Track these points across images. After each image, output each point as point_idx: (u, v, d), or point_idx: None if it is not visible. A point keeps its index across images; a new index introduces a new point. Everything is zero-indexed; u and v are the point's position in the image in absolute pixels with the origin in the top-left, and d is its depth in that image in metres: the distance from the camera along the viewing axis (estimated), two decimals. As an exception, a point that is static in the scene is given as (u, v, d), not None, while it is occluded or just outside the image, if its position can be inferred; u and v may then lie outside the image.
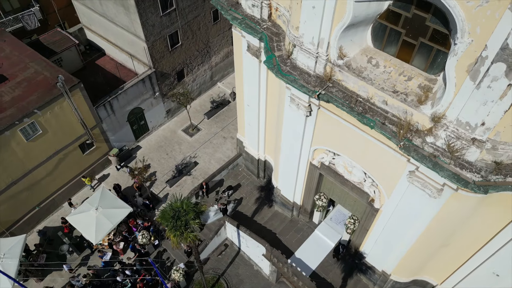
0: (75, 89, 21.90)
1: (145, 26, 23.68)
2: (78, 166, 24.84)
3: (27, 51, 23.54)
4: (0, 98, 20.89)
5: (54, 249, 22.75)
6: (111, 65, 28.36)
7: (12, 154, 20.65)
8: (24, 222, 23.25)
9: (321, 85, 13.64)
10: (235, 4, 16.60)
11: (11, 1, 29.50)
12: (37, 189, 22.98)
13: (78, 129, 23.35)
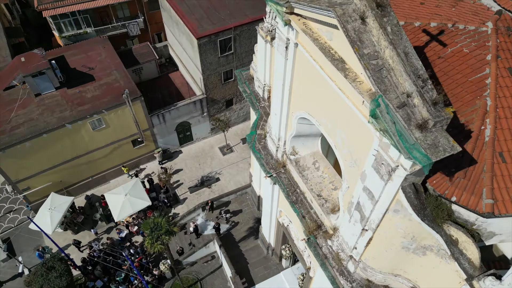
0: (136, 100, 28.10)
1: (203, 63, 28.87)
2: (128, 155, 31.39)
3: (116, 60, 30.41)
4: (85, 94, 28.00)
5: (90, 214, 29.67)
6: (179, 80, 34.38)
7: (80, 137, 27.66)
8: (78, 187, 30.58)
9: (276, 168, 17.10)
10: (251, 79, 20.61)
11: (124, 11, 37.27)
12: (93, 165, 30.01)
13: (133, 129, 29.68)
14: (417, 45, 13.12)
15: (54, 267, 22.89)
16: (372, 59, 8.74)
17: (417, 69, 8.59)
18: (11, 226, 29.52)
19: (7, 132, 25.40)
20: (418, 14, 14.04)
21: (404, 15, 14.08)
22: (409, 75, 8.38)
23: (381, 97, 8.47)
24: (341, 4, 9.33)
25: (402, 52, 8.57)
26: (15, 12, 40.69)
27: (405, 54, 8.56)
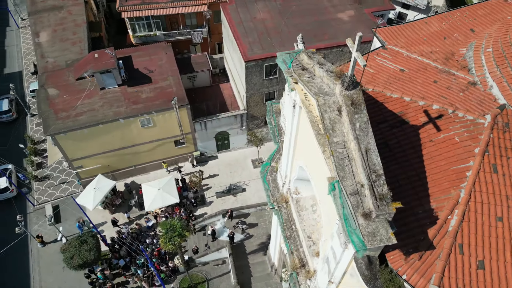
0: (183, 107, 31.10)
1: (248, 83, 31.09)
2: (168, 153, 34.67)
3: (173, 67, 33.65)
4: (141, 93, 31.53)
5: (127, 199, 33.40)
6: (227, 92, 37.01)
7: (130, 131, 31.28)
8: (122, 173, 34.47)
9: (279, 202, 18.83)
10: (278, 113, 22.39)
11: (192, 20, 40.62)
12: (137, 156, 33.67)
13: (177, 131, 32.79)
14: (414, 124, 14.18)
15: (87, 241, 26.61)
16: (339, 147, 10.25)
17: (375, 164, 9.96)
18: (62, 195, 34.19)
19: (71, 117, 29.61)
20: (426, 93, 14.97)
21: (412, 92, 15.09)
22: (364, 169, 9.80)
23: (337, 182, 9.98)
24: (326, 93, 10.91)
25: (364, 147, 9.99)
26: (101, 7, 45.86)
27: (366, 150, 9.97)
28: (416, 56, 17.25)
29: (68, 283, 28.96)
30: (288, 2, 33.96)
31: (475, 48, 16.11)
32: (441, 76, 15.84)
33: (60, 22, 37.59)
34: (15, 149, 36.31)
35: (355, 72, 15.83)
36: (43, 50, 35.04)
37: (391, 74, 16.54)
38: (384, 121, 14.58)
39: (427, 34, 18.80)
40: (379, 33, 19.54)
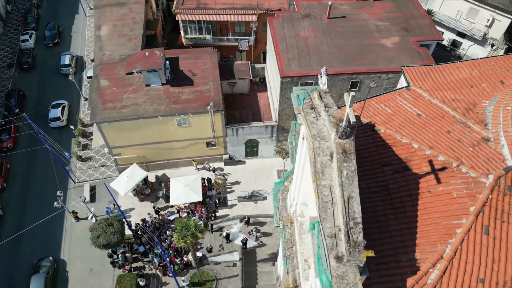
0: (218, 112, 32.75)
1: (282, 97, 32.09)
2: (200, 152, 36.58)
3: (215, 72, 35.35)
4: (182, 94, 33.58)
5: (156, 190, 35.74)
6: (263, 101, 38.24)
7: (166, 128, 33.46)
8: (155, 164, 36.89)
9: (285, 222, 19.77)
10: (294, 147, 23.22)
11: (241, 27, 42.22)
12: (171, 151, 35.88)
13: (209, 133, 34.55)
14: (416, 172, 14.60)
15: (113, 224, 29.05)
16: (325, 191, 11.10)
17: (354, 212, 10.71)
18: (99, 178, 37.25)
19: (116, 109, 32.25)
20: (435, 142, 15.28)
21: (422, 139, 15.46)
22: (343, 215, 10.59)
23: (317, 223, 10.85)
24: (323, 137, 11.77)
25: (347, 195, 10.77)
26: (160, 5, 48.78)
27: (348, 198, 10.75)
28: (437, 102, 17.46)
29: (92, 259, 31.73)
30: (334, 23, 34.43)
31: (496, 103, 16.11)
32: (456, 127, 16.01)
33: (121, 18, 40.64)
34: (66, 129, 39.88)
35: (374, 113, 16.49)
36: (102, 43, 38.18)
37: (407, 117, 16.90)
38: (389, 164, 15.10)
39: (456, 79, 18.86)
40: (407, 72, 19.83)
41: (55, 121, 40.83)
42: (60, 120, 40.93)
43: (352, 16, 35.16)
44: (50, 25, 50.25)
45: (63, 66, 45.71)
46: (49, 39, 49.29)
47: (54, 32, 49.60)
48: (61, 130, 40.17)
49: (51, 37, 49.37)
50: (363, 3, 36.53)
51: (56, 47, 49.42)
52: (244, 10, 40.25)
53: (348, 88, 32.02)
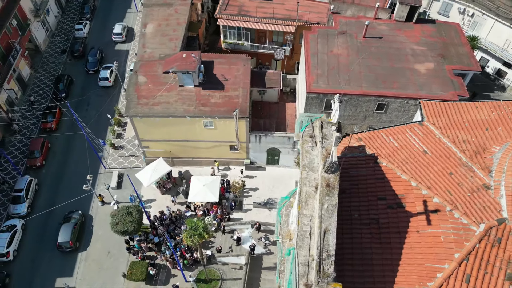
0: (243, 118, 33.83)
1: (306, 111, 32.56)
2: (223, 154, 37.88)
3: (247, 79, 36.42)
4: (211, 98, 34.96)
5: (178, 185, 37.47)
6: (291, 112, 38.84)
7: (193, 128, 35.03)
8: (180, 161, 38.65)
9: (284, 237, 20.43)
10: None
11: (279, 37, 43.04)
12: (195, 150, 37.46)
13: (233, 138, 35.74)
14: (409, 210, 14.87)
15: (132, 213, 30.99)
16: (306, 220, 11.77)
17: (329, 244, 11.30)
18: (128, 166, 39.59)
19: (149, 105, 34.20)
20: (434, 183, 15.42)
21: (421, 178, 15.64)
22: (318, 246, 11.23)
23: (293, 249, 11.54)
24: (313, 168, 12.42)
25: (325, 227, 11.38)
26: (205, 8, 50.55)
27: (325, 230, 11.36)
28: (447, 141, 17.47)
29: (111, 241, 33.94)
30: (370, 43, 34.38)
31: (505, 150, 15.95)
32: (460, 169, 16.01)
33: (166, 18, 42.74)
34: (104, 117, 42.58)
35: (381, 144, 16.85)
36: (146, 40, 40.42)
37: (412, 153, 17.06)
38: (384, 199, 15.44)
39: (472, 119, 18.70)
40: (424, 106, 19.85)
41: (104, 81, 46.53)
42: (108, 81, 46.51)
43: (389, 37, 34.94)
44: (93, 52, 48.87)
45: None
46: (91, 66, 47.70)
47: (97, 58, 48.34)
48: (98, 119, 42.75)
49: (93, 63, 47.90)
50: (402, 24, 36.15)
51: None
52: (284, 20, 41.03)
53: (374, 110, 31.98)
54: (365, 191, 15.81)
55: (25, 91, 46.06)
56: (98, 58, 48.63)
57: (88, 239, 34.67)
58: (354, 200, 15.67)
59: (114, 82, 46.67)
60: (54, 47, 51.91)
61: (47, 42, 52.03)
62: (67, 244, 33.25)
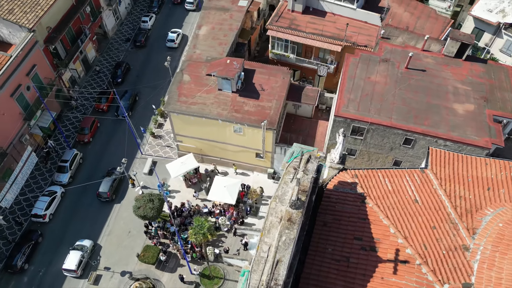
0: (270, 130, 34.97)
1: (332, 133, 32.94)
2: (248, 160, 39.33)
3: (283, 92, 37.41)
4: (245, 105, 36.47)
5: (202, 182, 39.56)
6: (322, 129, 39.28)
7: (223, 131, 36.79)
8: (209, 159, 40.69)
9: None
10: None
11: (325, 54, 43.46)
12: (223, 151, 39.29)
13: (259, 146, 37.02)
14: (380, 255, 15.29)
15: (153, 201, 33.47)
16: (265, 247, 12.78)
17: (279, 274, 12.23)
18: (162, 156, 42.46)
19: (187, 104, 36.51)
20: (413, 234, 15.69)
21: (401, 227, 15.90)
22: (268, 275, 12.20)
23: (248, 271, 12.61)
24: (282, 201, 13.36)
25: (278, 258, 12.32)
26: (261, 15, 52.10)
27: (278, 261, 12.30)
28: (442, 194, 17.43)
29: (133, 223, 36.84)
30: (411, 74, 33.85)
31: (495, 216, 15.70)
32: (444, 225, 16.03)
33: (220, 22, 44.91)
34: (150, 107, 45.82)
35: (374, 184, 17.33)
36: (197, 41, 42.88)
37: (402, 200, 17.26)
38: (360, 239, 15.94)
39: (477, 176, 18.38)
40: (431, 154, 19.75)
41: (171, 42, 53.33)
42: (174, 43, 53.25)
43: (433, 71, 34.12)
44: (127, 95, 46.29)
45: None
46: (121, 113, 42.89)
47: (129, 103, 45.71)
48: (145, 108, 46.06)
49: (125, 108, 44.22)
50: (450, 60, 35.06)
51: (166, 33, 56.15)
52: (331, 39, 41.38)
53: (401, 143, 31.57)
54: (345, 228, 16.38)
55: (88, 72, 50.79)
56: (129, 103, 45.70)
57: (122, 196, 39.41)
58: (332, 234, 16.32)
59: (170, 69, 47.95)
60: (120, 35, 56.47)
61: (115, 29, 56.68)
62: (105, 194, 37.74)
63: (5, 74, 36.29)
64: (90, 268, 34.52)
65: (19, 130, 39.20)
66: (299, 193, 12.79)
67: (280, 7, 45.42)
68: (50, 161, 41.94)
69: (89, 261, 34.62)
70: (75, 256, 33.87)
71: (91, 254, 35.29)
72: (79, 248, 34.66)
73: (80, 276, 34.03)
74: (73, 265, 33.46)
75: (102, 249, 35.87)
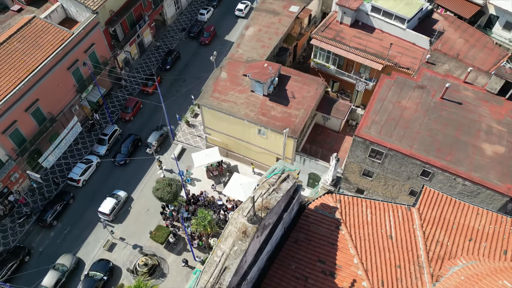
0: (291, 138, 35.68)
1: (351, 151, 32.96)
2: (269, 162, 40.31)
3: (312, 103, 37.80)
4: (272, 110, 37.41)
5: (222, 176, 41.33)
6: (347, 145, 39.11)
7: (248, 131, 38.11)
8: (232, 154, 42.35)
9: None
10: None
11: (366, 70, 43.03)
12: (247, 150, 40.69)
13: (280, 151, 37.88)
14: (336, 282, 15.81)
15: (171, 185, 35.77)
16: (219, 252, 13.93)
17: (224, 280, 13.33)
18: (191, 144, 44.81)
19: (219, 100, 38.23)
20: (375, 269, 15.97)
21: (366, 260, 16.25)
22: (215, 278, 13.37)
23: (199, 271, 13.85)
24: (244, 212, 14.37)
25: (226, 265, 13.42)
26: (312, 22, 52.29)
27: (225, 268, 13.40)
28: (420, 235, 17.42)
29: (152, 202, 39.50)
30: (445, 105, 32.73)
31: (464, 268, 15.54)
32: (410, 267, 16.17)
33: (268, 25, 45.99)
34: (189, 97, 48.28)
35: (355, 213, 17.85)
36: (242, 41, 44.39)
37: (377, 233, 17.51)
38: (323, 262, 16.56)
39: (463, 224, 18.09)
40: (424, 192, 19.57)
41: (239, 12, 59.24)
42: (242, 12, 58.93)
43: (469, 106, 32.73)
44: (128, 141, 43.90)
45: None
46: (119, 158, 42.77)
47: (128, 149, 43.33)
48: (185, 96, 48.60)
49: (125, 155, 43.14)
50: (492, 97, 33.35)
51: (220, 27, 58.41)
52: (374, 56, 40.87)
53: (419, 174, 30.86)
54: (313, 249, 17.05)
55: (142, 55, 54.45)
56: (129, 150, 43.49)
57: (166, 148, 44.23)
58: (300, 252, 17.07)
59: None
60: (177, 24, 59.63)
61: (174, 18, 59.93)
62: (150, 145, 40.84)
63: (65, 49, 40.35)
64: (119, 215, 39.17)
65: (71, 101, 43.46)
66: (256, 210, 13.76)
67: (329, 18, 45.50)
68: (93, 132, 46.00)
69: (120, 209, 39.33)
70: (110, 202, 38.68)
71: (123, 204, 39.87)
72: (114, 197, 39.30)
73: (111, 220, 38.76)
74: (107, 209, 38.17)
75: (121, 223, 39.01)
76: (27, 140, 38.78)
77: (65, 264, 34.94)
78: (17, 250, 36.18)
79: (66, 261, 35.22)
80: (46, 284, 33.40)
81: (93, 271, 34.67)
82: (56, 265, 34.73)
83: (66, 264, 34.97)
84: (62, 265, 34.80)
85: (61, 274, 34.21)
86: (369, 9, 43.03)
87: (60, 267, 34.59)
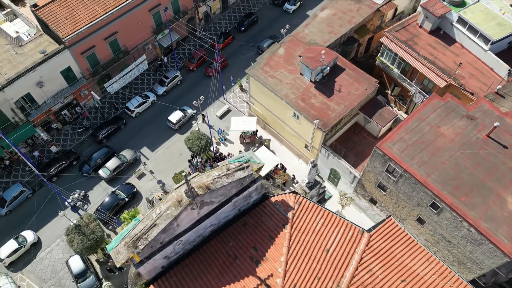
0: (320, 130, 35.96)
1: (371, 162, 32.48)
2: (298, 146, 41.22)
3: (355, 102, 37.09)
4: (313, 98, 37.62)
5: (252, 146, 43.35)
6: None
7: (287, 112, 38.92)
8: (268, 128, 43.85)
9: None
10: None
11: (429, 83, 40.43)
12: (281, 129, 41.87)
13: (309, 139, 38.45)
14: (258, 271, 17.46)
15: (201, 139, 38.87)
16: (159, 210, 16.32)
17: (150, 234, 15.76)
18: (236, 108, 47.15)
19: (267, 74, 39.35)
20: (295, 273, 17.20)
21: (293, 263, 17.51)
22: (145, 229, 15.87)
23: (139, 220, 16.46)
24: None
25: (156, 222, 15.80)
26: (396, 18, 49.14)
27: (155, 224, 15.79)
28: (356, 258, 17.99)
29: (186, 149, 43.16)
30: (487, 144, 30.27)
31: (372, 302, 16.06)
32: (329, 283, 17.03)
33: (345, 11, 44.69)
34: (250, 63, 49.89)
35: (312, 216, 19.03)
36: (311, 21, 44.02)
37: (319, 243, 18.53)
38: (256, 249, 18.18)
39: (415, 270, 18.08)
40: (388, 223, 19.71)
41: None
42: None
43: (516, 153, 29.77)
44: (101, 152, 42.54)
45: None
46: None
47: (98, 162, 42.05)
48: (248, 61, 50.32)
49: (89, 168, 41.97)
50: (547, 151, 29.75)
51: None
52: (440, 71, 38.10)
53: (428, 204, 29.69)
54: (254, 235, 18.71)
55: (223, 11, 56.69)
56: (100, 161, 42.16)
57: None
58: (242, 235, 18.88)
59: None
60: (267, -13, 60.16)
61: (265, -19, 60.44)
62: (172, 123, 44.79)
63: (150, -8, 44.10)
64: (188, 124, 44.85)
65: (146, 39, 47.92)
66: (197, 187, 15.69)
67: (410, 18, 42.67)
68: (158, 72, 50.56)
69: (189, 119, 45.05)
70: (178, 114, 44.90)
71: (187, 120, 45.32)
72: (182, 111, 45.14)
73: (176, 130, 44.82)
74: (174, 119, 44.57)
75: (156, 158, 43.65)
76: (100, 64, 44.34)
77: (126, 156, 41.95)
78: (70, 153, 43.02)
79: (127, 154, 42.30)
80: (108, 166, 40.93)
81: (119, 190, 40.18)
82: (120, 155, 41.95)
83: (127, 156, 42.01)
84: (124, 156, 41.90)
85: (121, 163, 41.31)
86: (454, 19, 39.42)
87: (122, 157, 41.80)
